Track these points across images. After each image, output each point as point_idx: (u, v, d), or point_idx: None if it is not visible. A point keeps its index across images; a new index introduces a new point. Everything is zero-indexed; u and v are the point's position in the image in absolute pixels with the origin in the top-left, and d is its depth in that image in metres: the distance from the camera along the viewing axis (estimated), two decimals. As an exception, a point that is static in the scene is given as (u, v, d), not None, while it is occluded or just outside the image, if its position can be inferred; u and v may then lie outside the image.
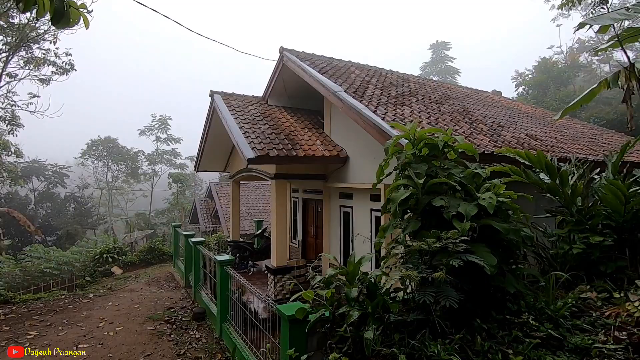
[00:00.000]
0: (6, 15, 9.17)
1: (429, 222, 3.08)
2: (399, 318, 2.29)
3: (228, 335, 6.18)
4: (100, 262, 12.23)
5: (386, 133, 4.92)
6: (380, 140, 5.25)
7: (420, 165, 3.28)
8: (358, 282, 2.72)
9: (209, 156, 11.55)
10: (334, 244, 8.55)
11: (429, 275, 2.32)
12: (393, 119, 5.46)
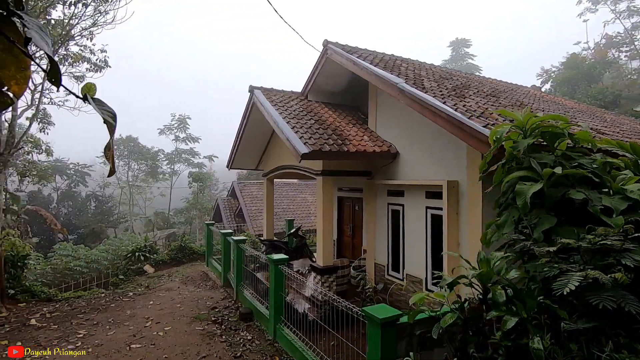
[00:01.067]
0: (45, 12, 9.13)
1: (559, 217, 2.77)
2: (571, 326, 2.00)
3: (284, 337, 5.94)
4: (133, 261, 12.15)
5: (465, 125, 4.61)
6: (456, 133, 4.94)
7: (544, 154, 2.97)
8: (496, 284, 2.43)
9: (243, 153, 11.36)
10: (380, 244, 8.24)
11: (600, 277, 2.02)
12: (465, 110, 5.14)
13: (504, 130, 3.14)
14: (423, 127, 6.90)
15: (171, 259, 13.01)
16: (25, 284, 8.31)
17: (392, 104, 7.86)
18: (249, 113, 9.79)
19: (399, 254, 7.70)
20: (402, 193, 7.63)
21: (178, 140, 33.19)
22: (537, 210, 2.83)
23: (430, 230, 6.85)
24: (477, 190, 5.72)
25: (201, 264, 12.83)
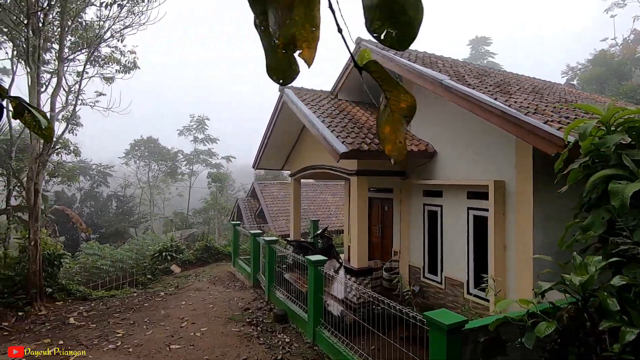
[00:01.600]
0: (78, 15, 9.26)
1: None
2: None
3: (325, 340, 5.80)
4: (160, 260, 12.23)
5: (524, 122, 4.38)
6: (512, 130, 4.72)
7: (636, 151, 2.75)
8: (598, 291, 2.24)
9: (270, 153, 11.31)
10: (415, 245, 8.04)
11: None
12: (518, 107, 4.91)
13: (588, 126, 2.93)
14: (465, 125, 6.68)
15: (197, 259, 13.05)
16: (62, 282, 8.42)
17: (429, 102, 7.65)
18: (278, 113, 9.72)
19: (436, 256, 7.48)
20: (439, 193, 7.42)
21: (197, 141, 33.55)
22: (635, 210, 2.62)
23: (473, 232, 6.62)
24: (527, 190, 5.49)
25: (226, 264, 12.82)
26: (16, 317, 7.03)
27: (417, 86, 7.99)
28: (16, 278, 7.48)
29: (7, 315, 7.00)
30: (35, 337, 6.28)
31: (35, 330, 6.56)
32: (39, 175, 7.43)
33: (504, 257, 5.89)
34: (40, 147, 7.36)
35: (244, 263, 11.06)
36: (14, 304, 7.21)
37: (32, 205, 7.46)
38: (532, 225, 5.45)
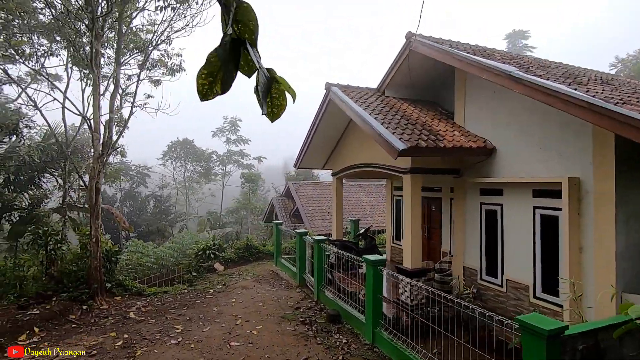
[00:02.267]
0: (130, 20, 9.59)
1: None
2: None
3: (387, 342, 5.65)
4: (203, 258, 12.48)
5: (622, 115, 4.04)
6: (603, 124, 4.36)
7: None
8: None
9: (313, 153, 11.26)
10: (471, 246, 7.70)
11: None
12: (604, 98, 4.55)
13: None
14: (531, 119, 6.32)
15: (238, 257, 13.22)
16: (119, 278, 8.73)
17: (486, 95, 7.33)
18: (323, 111, 9.65)
19: (495, 257, 7.14)
20: (499, 192, 7.07)
21: (229, 142, 34.21)
22: None
23: (540, 233, 6.25)
24: (609, 187, 5.09)
25: (267, 262, 12.91)
26: (81, 310, 7.33)
27: (471, 82, 7.70)
28: (79, 273, 7.82)
29: (73, 308, 7.31)
30: (101, 330, 6.51)
31: (100, 324, 6.81)
32: (100, 175, 7.73)
33: (579, 261, 5.50)
34: (100, 148, 7.66)
35: (288, 262, 11.08)
36: (78, 297, 7.53)
37: (94, 203, 7.78)
38: (614, 226, 5.05)
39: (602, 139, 5.18)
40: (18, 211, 16.44)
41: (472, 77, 7.69)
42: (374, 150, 8.63)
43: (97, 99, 7.56)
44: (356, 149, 9.60)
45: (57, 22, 7.56)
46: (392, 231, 12.00)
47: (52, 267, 7.76)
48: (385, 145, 6.58)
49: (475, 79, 7.64)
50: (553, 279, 5.98)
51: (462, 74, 7.95)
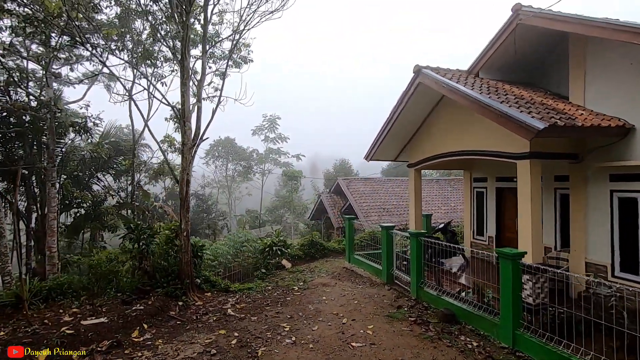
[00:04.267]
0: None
1: None
2: None
3: (534, 344, 4.99)
4: (270, 255, 12.17)
5: None
6: None
7: None
8: None
9: (388, 143, 10.67)
10: (596, 238, 6.87)
11: None
12: None
13: None
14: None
15: (305, 254, 12.83)
16: (205, 273, 8.48)
17: (617, 69, 6.50)
18: (410, 96, 9.02)
19: (636, 251, 6.29)
20: (638, 177, 6.22)
21: (267, 140, 34.15)
22: None
23: None
24: None
25: (336, 260, 12.45)
26: (178, 306, 7.08)
27: (595, 56, 6.86)
28: (170, 268, 7.59)
29: (170, 304, 7.08)
30: (208, 327, 6.20)
31: (203, 321, 6.52)
32: (190, 166, 7.47)
33: None
34: (191, 138, 7.40)
35: (364, 259, 10.55)
36: (172, 293, 7.30)
37: (184, 196, 7.53)
38: None
39: None
40: (82, 207, 16.85)
41: (596, 51, 6.87)
42: (472, 136, 7.97)
43: (188, 88, 7.30)
44: (444, 136, 8.93)
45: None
46: (471, 226, 11.24)
47: (145, 262, 7.57)
48: (515, 126, 5.90)
49: (600, 52, 6.82)
50: None
51: (580, 48, 7.13)
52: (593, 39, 6.77)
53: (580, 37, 7.06)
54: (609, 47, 6.60)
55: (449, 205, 19.47)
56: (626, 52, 6.32)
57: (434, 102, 9.23)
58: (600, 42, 6.71)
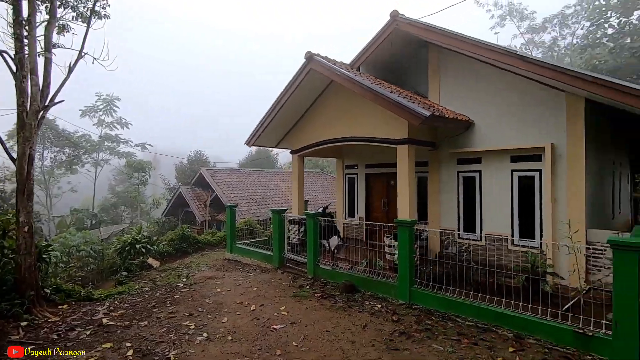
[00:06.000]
0: None
1: None
2: None
3: (427, 295, 5.95)
4: (132, 254, 10.21)
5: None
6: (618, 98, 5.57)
7: None
8: None
9: (271, 129, 10.57)
10: (448, 210, 8.66)
11: None
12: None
13: None
14: (511, 94, 7.50)
15: (175, 250, 11.36)
16: (55, 281, 6.38)
17: (462, 74, 8.32)
18: (299, 82, 9.15)
19: (473, 217, 8.25)
20: (478, 160, 8.18)
21: (102, 124, 28.30)
22: None
23: (517, 192, 7.54)
24: (579, 150, 6.56)
25: (212, 252, 11.54)
26: (21, 328, 5.14)
27: (446, 64, 8.61)
28: (5, 276, 5.41)
29: (7, 327, 5.06)
30: (85, 344, 4.74)
31: (73, 338, 4.94)
32: (36, 136, 5.46)
33: (555, 209, 6.93)
34: (39, 97, 5.40)
35: (250, 247, 10.18)
36: (9, 312, 5.24)
37: (25, 177, 5.46)
38: (584, 181, 6.56)
39: (574, 112, 6.63)
40: None
41: (448, 59, 8.61)
42: (358, 124, 8.71)
43: (33, 27, 5.28)
44: (331, 123, 9.46)
45: None
46: (343, 209, 12.33)
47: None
48: (406, 113, 6.78)
49: (450, 60, 8.58)
50: (529, 228, 7.36)
51: (437, 56, 8.81)
52: (446, 49, 8.46)
53: (437, 47, 8.71)
54: (457, 56, 8.38)
55: (316, 193, 20.86)
56: (468, 61, 8.16)
57: (320, 90, 9.67)
58: (450, 52, 8.43)
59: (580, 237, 6.39)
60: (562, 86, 6.53)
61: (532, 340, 4.73)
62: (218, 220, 17.83)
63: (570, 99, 6.68)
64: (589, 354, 4.33)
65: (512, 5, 29.95)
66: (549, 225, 6.93)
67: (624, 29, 20.72)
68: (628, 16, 21.04)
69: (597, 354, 4.29)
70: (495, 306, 5.32)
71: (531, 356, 4.34)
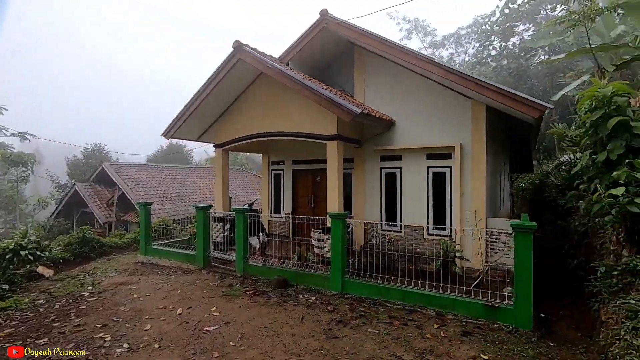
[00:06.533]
0: None
1: None
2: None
3: (359, 284, 6.24)
4: (16, 263, 8.43)
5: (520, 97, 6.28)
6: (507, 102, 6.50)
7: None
8: None
9: (193, 121, 9.89)
10: (371, 204, 9.16)
11: None
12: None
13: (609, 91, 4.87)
14: (427, 98, 8.28)
15: (74, 255, 9.77)
16: None
17: (385, 77, 8.90)
18: (226, 72, 8.71)
19: (394, 209, 8.90)
20: (399, 157, 8.84)
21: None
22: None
23: (432, 186, 8.38)
24: (482, 149, 7.59)
25: (121, 256, 10.26)
26: None
27: (371, 67, 9.13)
28: None
29: None
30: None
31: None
32: None
33: (462, 201, 7.89)
34: None
35: (168, 247, 9.34)
36: None
37: None
38: (485, 176, 7.62)
39: (478, 115, 7.64)
40: None
41: (372, 61, 9.13)
42: (288, 119, 8.67)
43: None
44: (259, 117, 9.23)
45: None
46: (269, 205, 12.16)
47: None
48: (337, 109, 6.97)
49: (374, 62, 9.10)
50: (441, 218, 8.24)
51: (362, 57, 9.28)
52: (370, 51, 8.95)
53: (362, 49, 9.18)
54: (380, 59, 8.94)
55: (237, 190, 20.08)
56: (390, 65, 8.78)
57: (248, 82, 9.37)
58: (374, 54, 8.96)
59: (482, 225, 7.40)
60: (468, 93, 7.46)
61: (451, 317, 5.31)
62: (125, 221, 15.94)
63: (474, 105, 7.67)
64: (495, 323, 5.04)
65: (418, 21, 33.18)
66: (458, 215, 7.86)
67: (503, 52, 24.63)
68: (506, 41, 25.08)
69: (502, 322, 5.01)
70: (419, 289, 5.83)
71: (452, 330, 4.86)
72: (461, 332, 4.79)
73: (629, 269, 3.88)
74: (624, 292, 3.82)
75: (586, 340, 4.47)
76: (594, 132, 5.06)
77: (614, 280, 4.04)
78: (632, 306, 3.43)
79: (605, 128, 4.85)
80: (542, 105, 6.11)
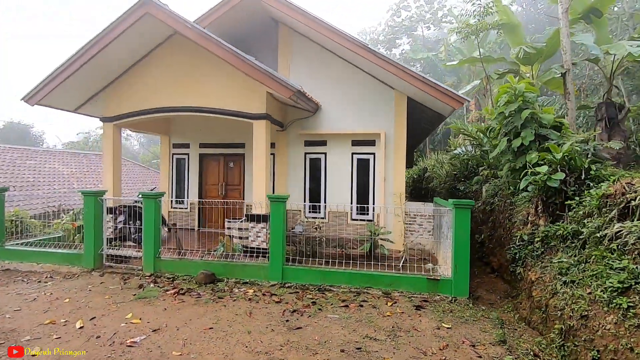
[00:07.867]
0: None
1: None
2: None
3: (298, 272, 5.89)
4: None
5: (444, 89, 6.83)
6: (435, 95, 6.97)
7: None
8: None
9: (74, 85, 7.77)
10: (295, 191, 8.82)
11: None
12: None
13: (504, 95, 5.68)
14: (353, 85, 8.36)
15: None
16: None
17: (312, 60, 8.65)
18: (127, 26, 7.03)
19: (318, 196, 8.76)
20: (324, 143, 8.73)
21: None
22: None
23: (356, 172, 8.53)
24: (403, 137, 8.09)
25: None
26: None
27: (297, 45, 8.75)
28: None
29: None
30: None
31: None
32: None
33: (385, 186, 8.27)
34: None
35: (35, 247, 7.09)
36: None
37: None
38: (404, 161, 8.15)
39: (400, 104, 8.08)
40: None
41: (300, 41, 8.76)
42: (206, 93, 7.57)
43: None
44: (166, 89, 7.79)
45: None
46: (170, 194, 10.58)
47: None
48: (274, 83, 6.38)
49: (302, 43, 8.76)
50: (365, 203, 8.49)
51: (288, 39, 8.81)
52: (299, 33, 8.58)
53: (290, 30, 8.72)
54: (308, 42, 8.65)
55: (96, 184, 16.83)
56: (318, 49, 8.58)
57: (154, 45, 7.83)
58: (303, 37, 8.63)
59: (405, 208, 7.90)
60: (392, 83, 7.84)
61: (397, 294, 5.43)
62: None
63: (397, 95, 8.10)
64: (437, 294, 5.36)
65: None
66: (381, 199, 8.19)
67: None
68: (391, 49, 27.94)
69: (443, 293, 5.37)
70: (366, 270, 5.80)
71: (405, 305, 4.97)
72: (413, 306, 4.92)
73: (550, 235, 4.60)
74: (549, 255, 4.51)
75: (509, 301, 5.13)
76: (509, 122, 5.86)
77: (537, 245, 4.75)
78: (563, 264, 4.05)
79: (519, 118, 5.66)
80: (463, 98, 6.82)
